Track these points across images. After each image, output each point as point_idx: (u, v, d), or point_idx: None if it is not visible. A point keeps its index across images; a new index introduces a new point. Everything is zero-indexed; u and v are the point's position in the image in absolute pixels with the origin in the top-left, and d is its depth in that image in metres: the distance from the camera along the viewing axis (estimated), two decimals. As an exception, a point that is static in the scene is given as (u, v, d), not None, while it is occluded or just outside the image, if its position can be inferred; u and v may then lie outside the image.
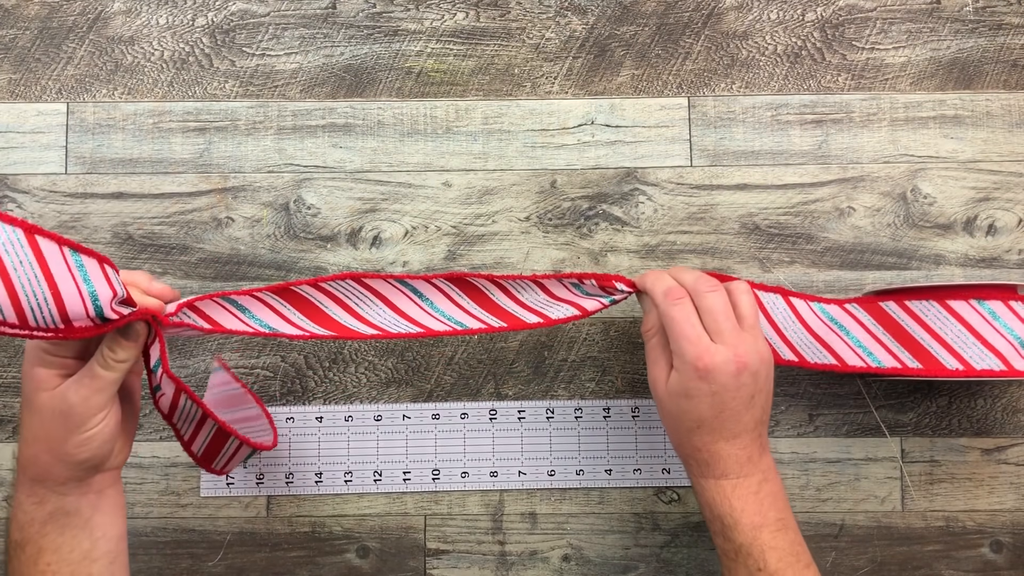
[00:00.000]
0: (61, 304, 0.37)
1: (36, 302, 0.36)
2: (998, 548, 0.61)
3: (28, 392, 0.42)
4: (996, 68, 0.64)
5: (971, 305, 0.54)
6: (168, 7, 0.64)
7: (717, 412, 0.47)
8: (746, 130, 0.64)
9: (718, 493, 0.48)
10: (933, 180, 0.63)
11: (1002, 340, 0.53)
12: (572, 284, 0.54)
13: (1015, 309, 0.54)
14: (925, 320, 0.55)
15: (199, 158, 0.63)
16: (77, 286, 0.37)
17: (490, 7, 0.65)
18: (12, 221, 0.35)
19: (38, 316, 0.37)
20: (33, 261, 0.36)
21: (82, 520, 0.43)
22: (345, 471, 0.62)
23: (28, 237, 0.36)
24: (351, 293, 0.51)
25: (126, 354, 0.41)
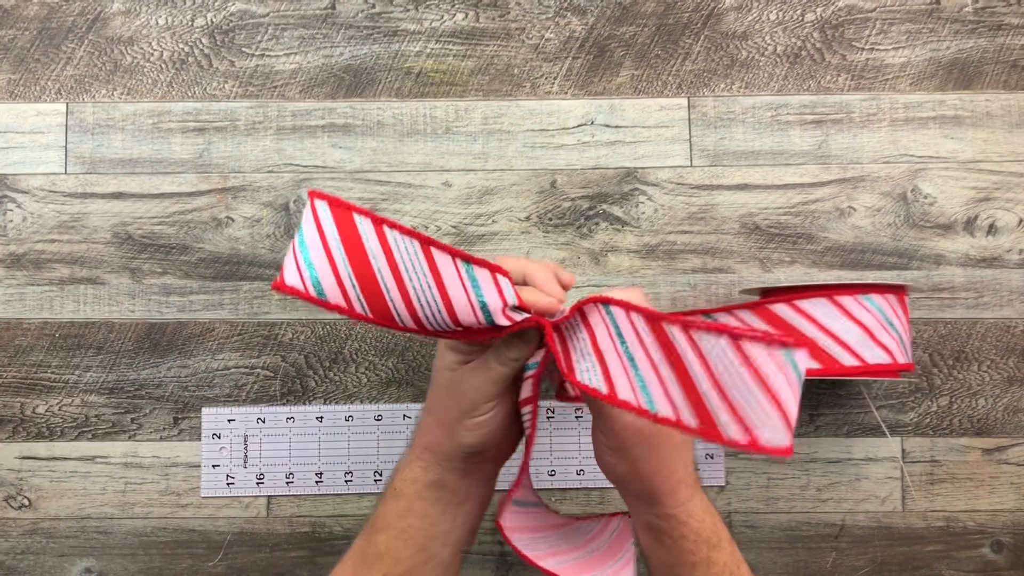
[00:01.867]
0: (452, 311, 0.38)
1: (430, 310, 0.38)
2: (999, 548, 0.61)
3: (436, 368, 0.45)
4: (996, 68, 0.64)
5: (858, 301, 0.54)
6: (167, 7, 0.64)
7: (665, 440, 0.45)
8: (746, 130, 0.64)
9: (704, 512, 0.45)
10: (933, 180, 0.63)
11: (886, 334, 0.54)
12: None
13: (890, 302, 0.55)
14: (815, 317, 0.55)
15: (199, 158, 0.63)
16: (468, 296, 0.39)
17: (490, 7, 0.65)
18: (410, 233, 0.37)
19: (432, 321, 0.39)
20: (427, 272, 0.38)
21: (455, 500, 0.45)
22: (345, 471, 0.62)
23: (424, 249, 0.37)
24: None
25: (518, 353, 0.43)
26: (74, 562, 0.61)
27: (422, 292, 0.38)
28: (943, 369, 0.62)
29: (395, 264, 0.38)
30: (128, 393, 0.62)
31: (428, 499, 0.44)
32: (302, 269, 0.37)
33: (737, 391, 0.34)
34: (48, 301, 0.62)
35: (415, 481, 0.44)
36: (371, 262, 0.37)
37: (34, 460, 0.62)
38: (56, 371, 0.62)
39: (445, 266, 0.38)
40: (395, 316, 0.38)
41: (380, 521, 0.44)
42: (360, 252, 0.37)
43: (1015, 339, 0.62)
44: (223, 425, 0.62)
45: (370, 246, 0.37)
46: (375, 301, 0.38)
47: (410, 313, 0.38)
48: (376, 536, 0.44)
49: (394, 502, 0.44)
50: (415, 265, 0.38)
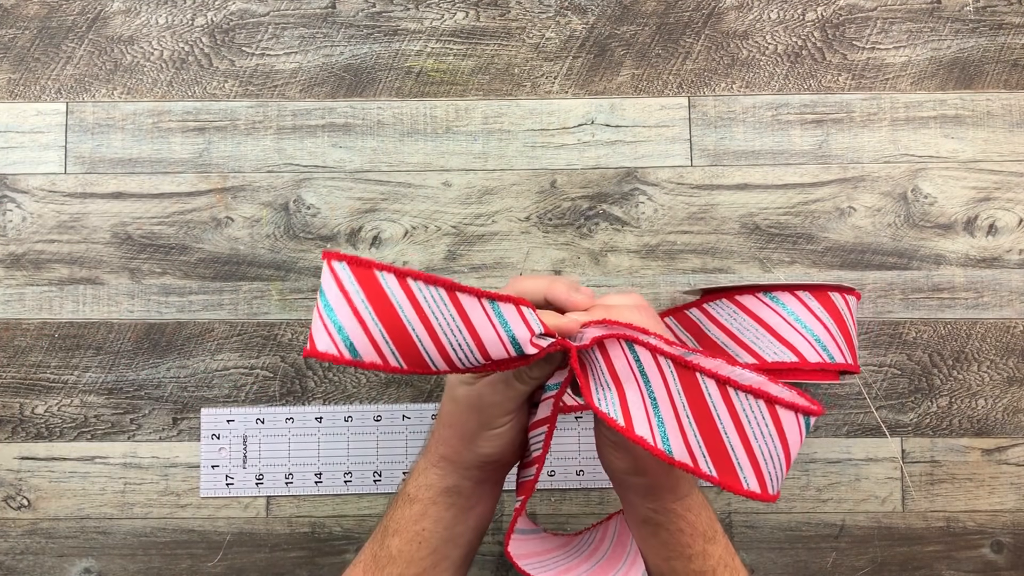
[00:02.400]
0: (484, 350, 0.39)
1: (462, 352, 0.39)
2: (999, 548, 0.61)
3: (451, 382, 0.45)
4: (996, 68, 0.64)
5: (760, 299, 0.54)
6: (168, 7, 0.64)
7: None
8: (746, 130, 0.64)
9: (701, 505, 0.46)
10: (934, 180, 0.63)
11: (796, 335, 0.54)
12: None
13: (804, 300, 0.55)
14: (720, 319, 0.55)
15: (199, 158, 0.63)
16: (497, 332, 0.39)
17: (490, 7, 0.65)
18: (434, 281, 0.38)
19: (464, 361, 0.40)
20: (455, 316, 0.38)
21: (468, 505, 0.46)
22: (345, 471, 0.62)
23: (450, 295, 0.38)
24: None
25: (540, 372, 0.44)
26: (73, 562, 0.61)
27: (453, 335, 0.39)
28: (943, 369, 0.62)
29: (423, 313, 0.38)
30: (127, 393, 0.62)
31: (443, 504, 0.45)
32: (332, 333, 0.37)
33: (764, 450, 0.39)
34: (47, 301, 0.62)
35: (430, 487, 0.45)
36: (400, 315, 0.38)
37: (33, 460, 0.62)
38: (55, 371, 0.62)
39: (472, 308, 0.39)
40: (429, 363, 0.39)
41: (393, 525, 0.45)
42: (388, 307, 0.38)
43: (1015, 339, 0.62)
44: (222, 425, 0.62)
45: (397, 300, 0.38)
46: (408, 352, 0.38)
47: (443, 357, 0.39)
48: (389, 540, 0.45)
49: (408, 507, 0.45)
50: (443, 311, 0.38)
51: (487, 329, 0.39)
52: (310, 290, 0.62)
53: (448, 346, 0.39)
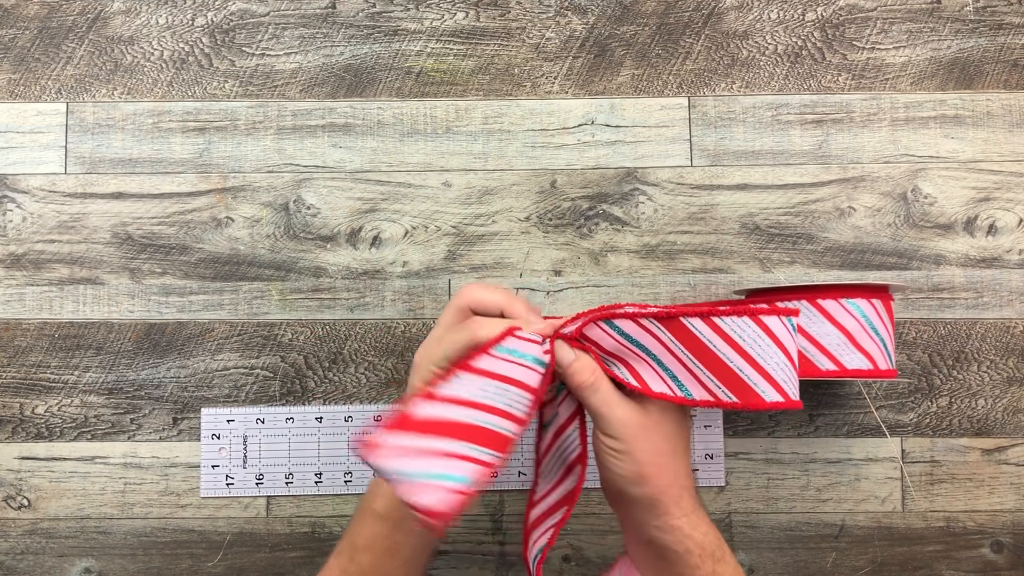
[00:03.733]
0: (527, 387, 0.42)
1: (518, 403, 0.42)
2: (998, 548, 0.61)
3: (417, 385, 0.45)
4: (996, 68, 0.64)
5: (841, 305, 0.54)
6: (168, 7, 0.64)
7: (684, 423, 0.45)
8: (746, 130, 0.64)
9: (708, 525, 0.45)
10: (933, 180, 0.63)
11: (869, 340, 0.54)
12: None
13: (876, 307, 0.54)
14: (800, 324, 0.54)
15: (199, 158, 0.63)
16: (524, 365, 0.42)
17: (490, 7, 0.65)
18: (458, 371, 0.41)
19: (524, 410, 0.42)
20: (489, 381, 0.41)
21: None
22: (345, 471, 0.62)
23: (471, 370, 0.41)
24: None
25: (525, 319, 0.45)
26: (74, 562, 0.61)
27: (503, 396, 0.41)
28: (943, 369, 0.62)
29: (476, 403, 0.41)
30: (127, 393, 0.62)
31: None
32: (442, 484, 0.39)
33: (768, 359, 0.41)
34: (48, 301, 0.62)
35: (399, 506, 0.44)
36: (475, 423, 0.41)
37: (33, 460, 0.62)
38: (55, 371, 0.62)
39: (495, 366, 0.42)
40: (509, 434, 0.42)
41: (363, 541, 0.45)
42: (459, 429, 0.40)
43: (1015, 339, 0.62)
44: (222, 425, 0.62)
45: (460, 417, 0.41)
46: (496, 442, 0.41)
47: (512, 420, 0.42)
48: (360, 555, 0.45)
49: (380, 524, 0.45)
50: (480, 386, 0.41)
51: (516, 369, 0.42)
52: (310, 290, 0.63)
53: (508, 408, 0.42)
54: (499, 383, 0.42)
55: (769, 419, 0.62)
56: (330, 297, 0.63)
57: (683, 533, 0.44)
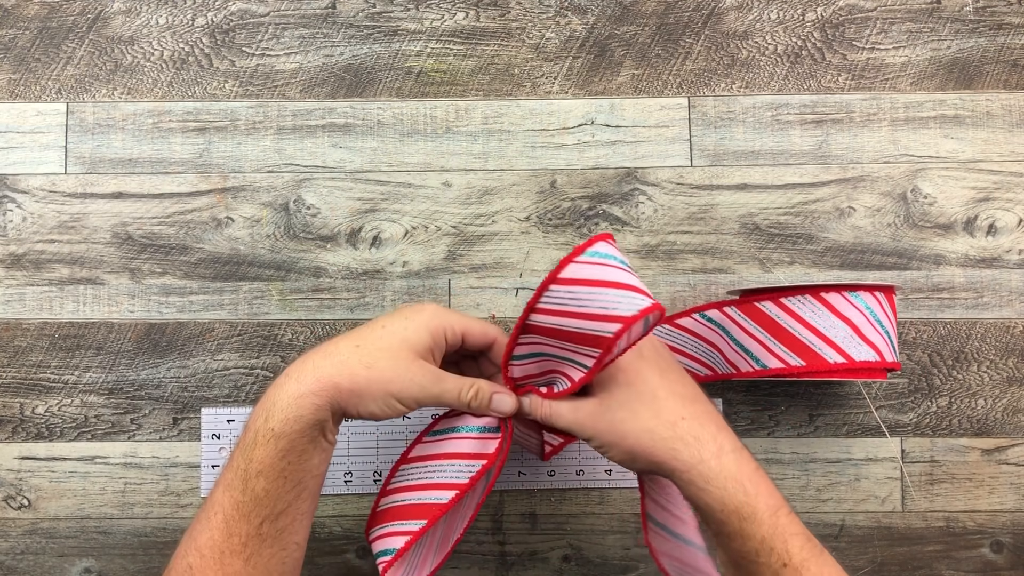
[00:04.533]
0: (482, 456, 0.48)
1: (456, 479, 0.47)
2: (998, 548, 0.61)
3: (403, 340, 0.45)
4: (996, 68, 0.64)
5: (845, 298, 0.54)
6: (168, 7, 0.64)
7: (663, 371, 0.44)
8: (746, 130, 0.64)
9: (727, 478, 0.41)
10: (933, 180, 0.63)
11: (874, 332, 0.54)
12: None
13: (879, 300, 0.55)
14: (801, 315, 0.55)
15: (199, 158, 0.63)
16: (482, 439, 0.49)
17: (490, 7, 0.65)
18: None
19: (458, 479, 0.47)
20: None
21: (322, 440, 0.45)
22: (345, 471, 0.62)
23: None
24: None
25: (481, 410, 0.47)
26: (74, 562, 0.61)
27: (452, 471, 0.47)
28: (943, 369, 0.62)
29: (425, 485, 0.48)
30: (127, 393, 0.62)
31: (308, 438, 0.44)
32: (379, 560, 0.47)
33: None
34: (48, 301, 0.62)
35: (299, 419, 0.43)
36: (405, 503, 0.48)
37: (33, 460, 0.62)
38: (55, 371, 0.62)
39: (449, 445, 0.48)
40: (445, 503, 0.46)
41: (256, 465, 0.43)
42: (390, 513, 0.49)
43: (1015, 339, 0.62)
44: (223, 426, 0.62)
45: (395, 502, 0.49)
46: (425, 513, 0.46)
47: (454, 487, 0.46)
48: (252, 482, 0.43)
49: (274, 444, 0.43)
50: (431, 471, 0.48)
51: (467, 444, 0.47)
52: (310, 290, 0.63)
53: (449, 480, 0.47)
54: (445, 462, 0.46)
55: (769, 419, 0.62)
56: (330, 297, 0.63)
57: (697, 487, 0.42)
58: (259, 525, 0.43)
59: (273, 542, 0.43)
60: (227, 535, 0.42)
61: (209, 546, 0.43)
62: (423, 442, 0.49)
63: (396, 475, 0.50)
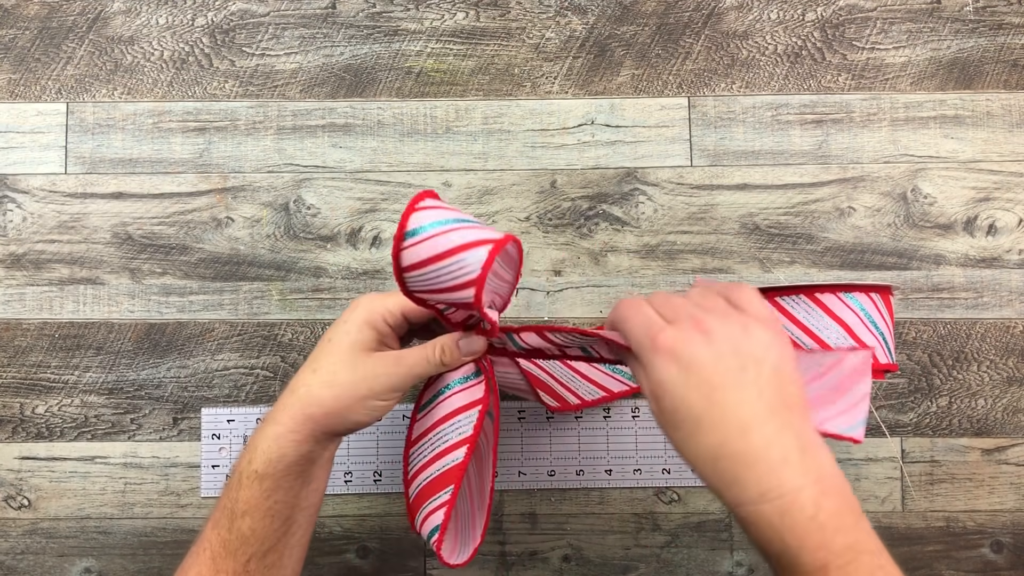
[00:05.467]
0: (476, 403, 0.47)
1: (461, 435, 0.47)
2: (998, 548, 0.61)
3: (349, 344, 0.45)
4: (996, 68, 0.64)
5: (839, 298, 0.54)
6: (168, 7, 0.64)
7: (706, 396, 0.36)
8: (746, 130, 0.64)
9: (766, 525, 0.35)
10: (933, 180, 0.63)
11: (868, 334, 0.54)
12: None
13: (875, 301, 0.55)
14: (795, 315, 0.55)
15: (199, 158, 0.63)
16: (467, 388, 0.48)
17: (490, 7, 0.65)
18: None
19: (463, 433, 0.47)
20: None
21: (314, 469, 0.45)
22: (345, 471, 0.62)
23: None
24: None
25: (455, 362, 0.46)
26: (74, 562, 0.61)
27: (455, 430, 0.48)
28: (943, 369, 0.62)
29: (439, 453, 0.47)
30: (128, 393, 0.62)
31: (295, 474, 0.44)
32: (432, 542, 0.47)
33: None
34: (48, 301, 0.62)
35: (282, 458, 0.43)
36: (430, 478, 0.47)
37: (34, 460, 0.62)
38: (56, 371, 0.62)
39: (442, 409, 0.48)
40: (462, 461, 0.46)
41: (242, 506, 0.43)
42: (422, 495, 0.48)
43: (1015, 339, 0.62)
44: (223, 426, 0.62)
45: (421, 483, 0.48)
46: (450, 478, 0.46)
47: (465, 442, 0.47)
48: (238, 521, 0.43)
49: (258, 484, 0.43)
50: (439, 440, 0.48)
51: (459, 398, 0.47)
52: (310, 290, 0.63)
53: (459, 436, 0.47)
54: (445, 425, 0.46)
55: (769, 419, 0.62)
56: (330, 297, 0.63)
57: (746, 527, 0.36)
58: (245, 563, 0.43)
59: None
60: (214, 571, 0.43)
61: None
62: (418, 419, 0.49)
63: (409, 460, 0.50)
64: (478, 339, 0.46)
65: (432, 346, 0.46)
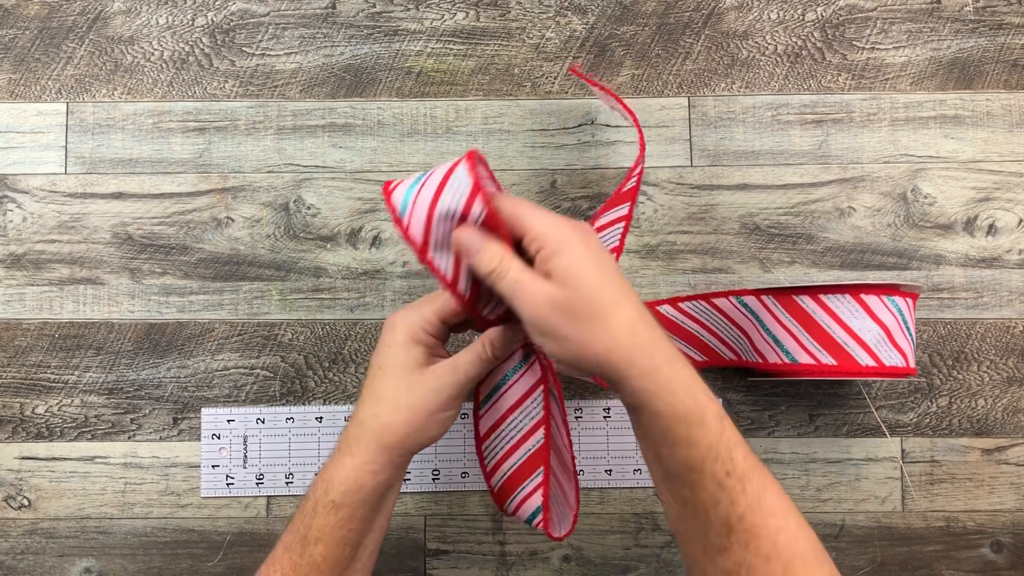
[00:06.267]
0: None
1: (532, 418, 0.49)
2: (998, 548, 0.61)
3: (403, 365, 0.45)
4: (996, 68, 0.64)
5: (882, 301, 0.54)
6: (168, 7, 0.64)
7: (607, 266, 0.40)
8: (746, 130, 0.64)
9: (678, 384, 0.39)
10: (933, 180, 0.63)
11: (903, 337, 0.54)
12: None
13: (909, 305, 0.56)
14: (838, 313, 0.55)
15: (199, 158, 0.63)
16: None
17: (490, 7, 0.65)
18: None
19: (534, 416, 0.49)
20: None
21: (389, 496, 0.46)
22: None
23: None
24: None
25: (507, 350, 0.46)
26: (74, 562, 0.61)
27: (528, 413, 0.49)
28: (943, 369, 0.62)
29: (522, 437, 0.49)
30: (128, 393, 0.62)
31: (371, 504, 0.45)
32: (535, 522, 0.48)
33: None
34: (48, 301, 0.62)
35: (360, 489, 0.44)
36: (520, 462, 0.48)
37: (34, 460, 0.62)
38: (56, 371, 0.62)
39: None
40: (541, 443, 0.47)
41: (315, 533, 0.44)
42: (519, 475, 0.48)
43: (1015, 339, 0.62)
44: (223, 425, 0.62)
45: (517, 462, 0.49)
46: (537, 461, 0.47)
47: (538, 423, 0.47)
48: (311, 548, 0.44)
49: (334, 514, 0.44)
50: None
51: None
52: (310, 290, 0.63)
53: (531, 420, 0.48)
54: (515, 414, 0.48)
55: (769, 419, 0.62)
56: (330, 297, 0.63)
57: (648, 394, 0.39)
58: None
59: None
60: None
61: None
62: (482, 416, 0.50)
63: (484, 455, 0.51)
64: (519, 325, 0.46)
65: (481, 344, 0.46)
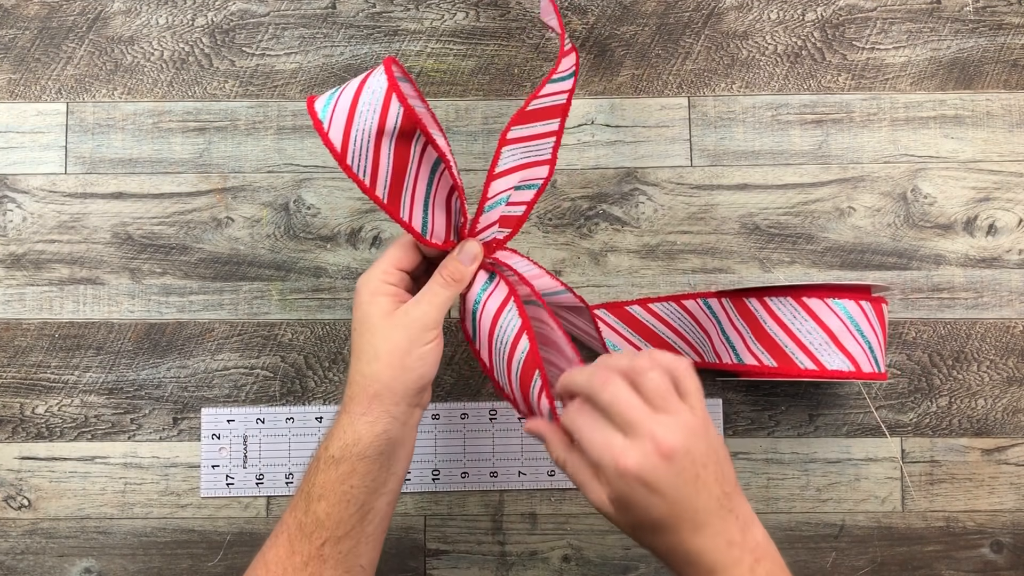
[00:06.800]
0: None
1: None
2: (998, 548, 0.61)
3: (371, 317, 0.46)
4: (996, 68, 0.64)
5: (826, 304, 0.54)
6: (168, 7, 0.64)
7: (669, 508, 0.40)
8: (746, 130, 0.64)
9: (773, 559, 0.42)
10: (933, 180, 0.63)
11: (853, 341, 0.54)
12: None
13: (864, 309, 0.55)
14: (780, 317, 0.55)
15: (199, 158, 0.63)
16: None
17: (490, 7, 0.65)
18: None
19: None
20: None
21: (392, 451, 0.46)
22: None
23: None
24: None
25: (463, 275, 0.47)
26: (74, 562, 0.61)
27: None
28: (943, 369, 0.62)
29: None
30: (127, 393, 0.62)
31: (371, 457, 0.44)
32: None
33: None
34: (48, 301, 0.62)
35: (358, 442, 0.44)
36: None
37: (34, 460, 0.62)
38: (56, 371, 0.62)
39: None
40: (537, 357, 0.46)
41: (318, 490, 0.44)
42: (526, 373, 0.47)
43: (1015, 339, 0.62)
44: (223, 425, 0.62)
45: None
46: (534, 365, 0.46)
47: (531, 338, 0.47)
48: (314, 505, 0.44)
49: (334, 469, 0.44)
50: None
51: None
52: (310, 290, 0.63)
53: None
54: (496, 331, 0.48)
55: (769, 419, 0.62)
56: (330, 297, 0.63)
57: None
58: (320, 546, 0.44)
59: (336, 564, 0.44)
60: (290, 553, 0.44)
61: (275, 561, 0.44)
62: (479, 348, 0.50)
63: (501, 384, 0.51)
64: (470, 243, 0.48)
65: (437, 273, 0.47)
